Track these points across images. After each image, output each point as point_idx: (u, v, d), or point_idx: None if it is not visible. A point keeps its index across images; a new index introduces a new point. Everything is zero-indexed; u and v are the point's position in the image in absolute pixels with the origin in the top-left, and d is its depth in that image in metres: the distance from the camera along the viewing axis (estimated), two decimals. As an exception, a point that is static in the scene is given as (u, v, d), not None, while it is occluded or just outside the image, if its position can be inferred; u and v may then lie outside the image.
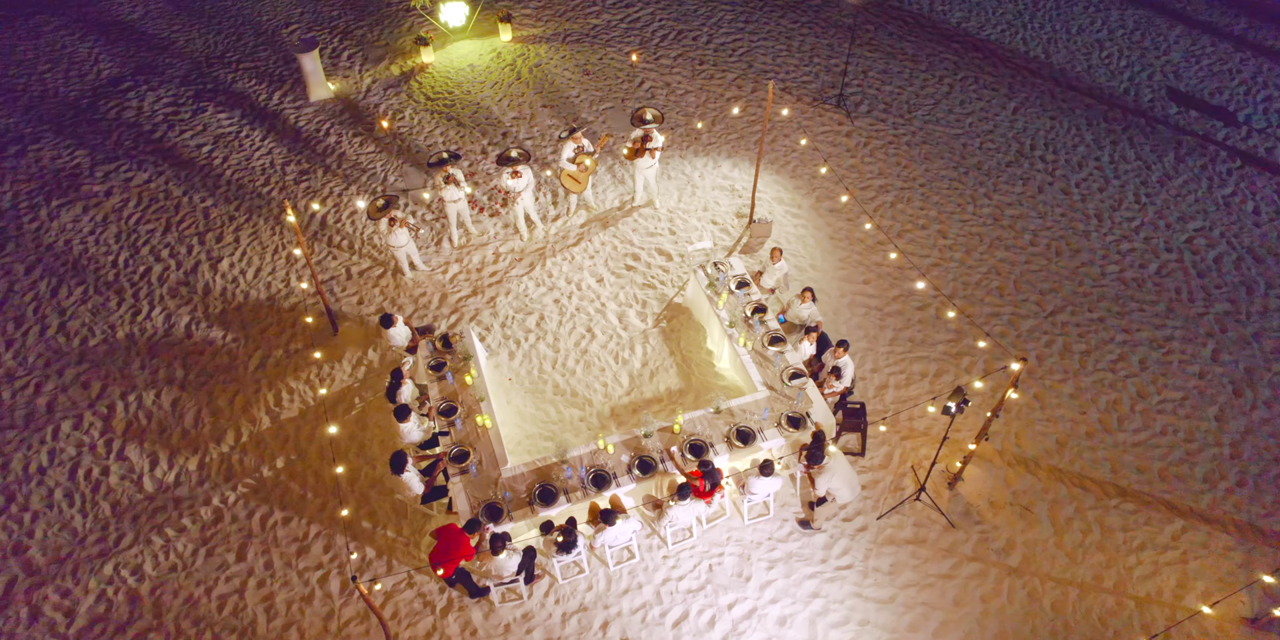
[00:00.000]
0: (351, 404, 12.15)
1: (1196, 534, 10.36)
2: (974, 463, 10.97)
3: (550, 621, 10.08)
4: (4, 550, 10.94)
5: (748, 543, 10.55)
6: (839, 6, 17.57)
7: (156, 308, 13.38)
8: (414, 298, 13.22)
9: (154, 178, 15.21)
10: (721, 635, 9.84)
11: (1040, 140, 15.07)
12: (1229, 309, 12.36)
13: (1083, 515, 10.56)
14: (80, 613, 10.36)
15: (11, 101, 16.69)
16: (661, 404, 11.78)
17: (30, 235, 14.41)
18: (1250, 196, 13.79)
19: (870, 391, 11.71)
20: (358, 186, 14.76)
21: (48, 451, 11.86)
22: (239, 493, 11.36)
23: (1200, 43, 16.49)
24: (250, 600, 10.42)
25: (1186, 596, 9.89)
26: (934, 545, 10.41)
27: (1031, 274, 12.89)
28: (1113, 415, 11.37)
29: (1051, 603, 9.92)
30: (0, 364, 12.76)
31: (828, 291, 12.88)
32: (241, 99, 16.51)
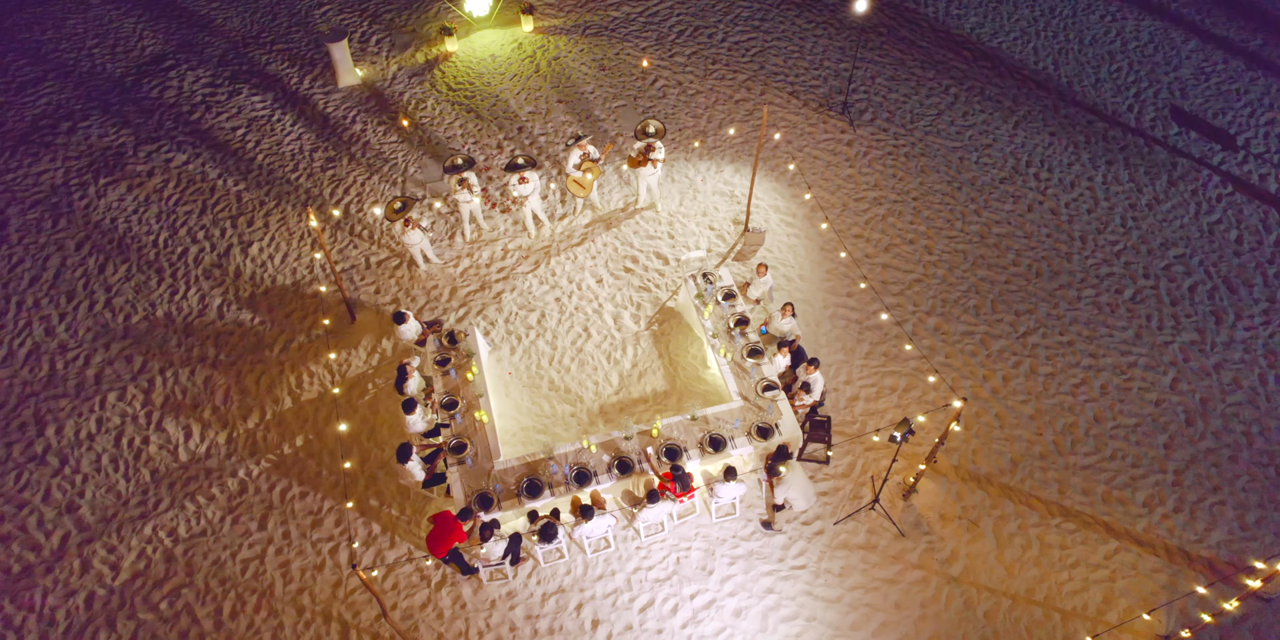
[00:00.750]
0: (365, 390, 13.14)
1: (1128, 555, 11.03)
2: (930, 477, 11.66)
3: (531, 600, 11.14)
4: (59, 507, 12.23)
5: (713, 539, 11.43)
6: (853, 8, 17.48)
7: (192, 288, 14.34)
8: (426, 290, 14.01)
9: (192, 160, 15.99)
10: (682, 623, 10.84)
11: (1036, 157, 15.20)
12: (1195, 338, 12.70)
13: (1025, 532, 11.27)
14: (124, 567, 11.65)
15: (63, 76, 17.46)
16: (647, 405, 12.56)
17: (80, 212, 15.36)
18: (1235, 225, 13.88)
19: (841, 403, 12.36)
20: (379, 176, 15.42)
21: (96, 419, 13.04)
22: (262, 467, 12.48)
23: (1212, 59, 16.24)
24: (269, 565, 11.61)
25: (1109, 613, 10.64)
26: (883, 552, 11.21)
27: (1009, 294, 13.27)
28: (1067, 438, 11.94)
29: (985, 611, 10.73)
30: (54, 335, 13.91)
31: (811, 302, 13.42)
32: (274, 82, 17.09)
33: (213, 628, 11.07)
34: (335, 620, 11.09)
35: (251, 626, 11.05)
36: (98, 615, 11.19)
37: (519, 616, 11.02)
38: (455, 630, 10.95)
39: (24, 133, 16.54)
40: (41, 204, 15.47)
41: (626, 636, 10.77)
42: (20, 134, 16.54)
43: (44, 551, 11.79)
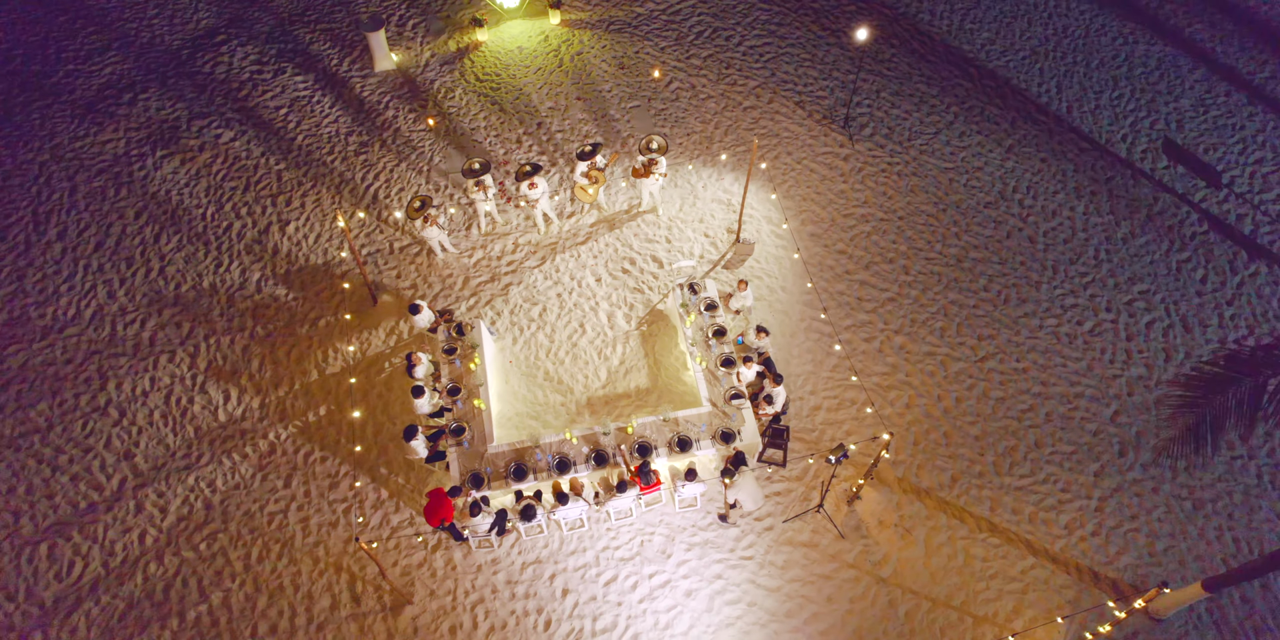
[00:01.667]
0: (382, 368, 14.30)
1: (1042, 571, 11.94)
2: (874, 486, 12.57)
3: (512, 567, 12.47)
4: (118, 454, 13.78)
5: (675, 527, 12.58)
6: (869, 17, 17.38)
7: (235, 262, 15.47)
8: (442, 278, 14.95)
9: (238, 137, 16.87)
10: (640, 598, 12.11)
11: (1024, 183, 15.39)
12: (1143, 374, 13.18)
13: (953, 542, 12.20)
14: (170, 511, 13.22)
15: (125, 46, 18.27)
16: (629, 400, 13.56)
17: (139, 183, 16.44)
18: (1203, 264, 14.07)
19: (805, 411, 13.21)
20: (407, 164, 16.19)
21: (149, 378, 14.45)
22: (289, 431, 13.83)
23: (1215, 90, 15.98)
24: (292, 519, 13.08)
25: (1016, 620, 11.63)
26: (823, 550, 12.26)
27: (975, 319, 13.79)
28: (1006, 460, 12.70)
29: (906, 611, 11.80)
30: (115, 299, 15.23)
31: (789, 313, 14.11)
32: (316, 62, 17.72)
33: (242, 569, 12.67)
34: (344, 571, 12.58)
35: (274, 571, 12.61)
36: (149, 550, 12.85)
37: (500, 581, 12.40)
38: (445, 588, 12.39)
39: (90, 101, 17.54)
40: (105, 173, 16.60)
41: (591, 606, 12.12)
42: (87, 102, 17.55)
43: (105, 492, 13.43)
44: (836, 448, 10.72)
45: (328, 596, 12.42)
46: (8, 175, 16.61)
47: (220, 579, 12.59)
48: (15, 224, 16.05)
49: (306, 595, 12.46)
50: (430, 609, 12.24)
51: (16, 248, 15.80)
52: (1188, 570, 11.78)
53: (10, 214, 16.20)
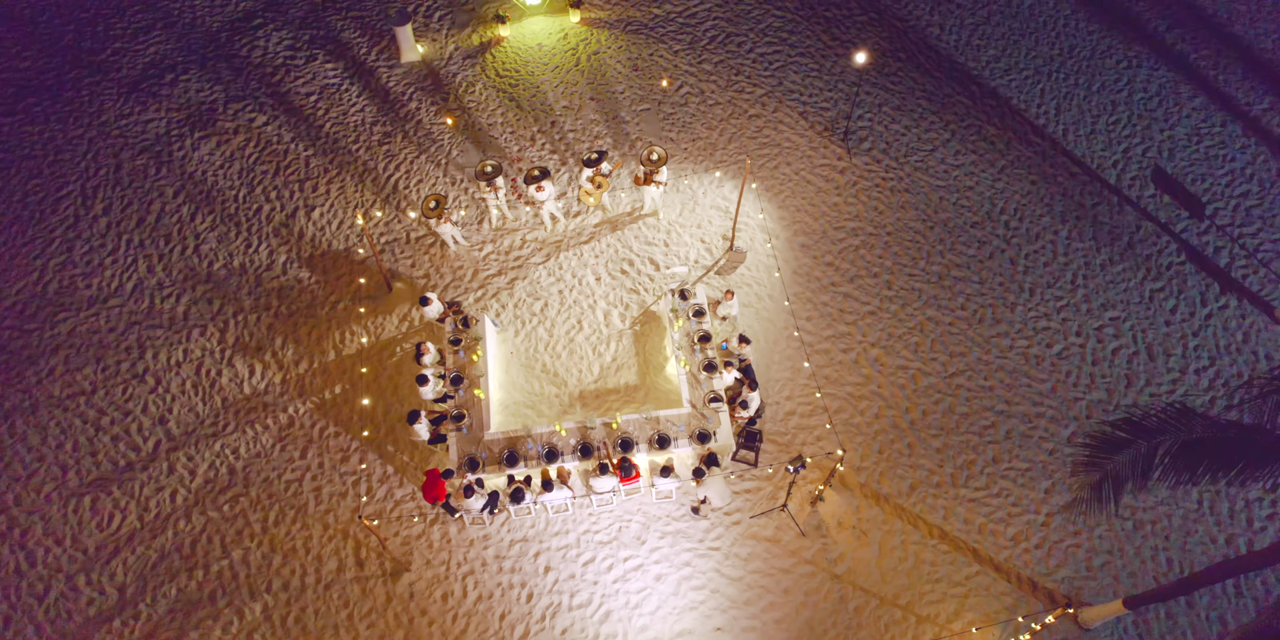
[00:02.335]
0: (394, 351, 15.03)
1: (985, 578, 12.56)
2: (838, 489, 13.16)
3: (501, 544, 13.35)
4: (154, 419, 14.75)
5: (651, 516, 13.33)
6: (880, 28, 17.24)
7: (263, 243, 16.16)
8: (453, 269, 15.53)
9: (270, 121, 17.36)
10: (614, 578, 12.95)
11: (1012, 205, 15.48)
12: (1103, 398, 13.50)
13: (905, 546, 12.82)
14: (199, 473, 14.23)
15: (168, 26, 18.69)
16: (618, 395, 14.18)
17: (178, 162, 17.08)
18: (1175, 294, 14.19)
19: (780, 415, 13.76)
20: (426, 156, 16.62)
21: (183, 350, 15.33)
22: (307, 407, 14.69)
23: (1212, 120, 15.77)
24: (306, 488, 14.03)
25: (955, 622, 12.29)
26: (784, 546, 12.96)
27: (950, 335, 14.13)
28: (964, 473, 13.21)
29: (855, 606, 12.53)
30: (154, 273, 16.03)
31: (774, 321, 14.54)
32: (346, 50, 18.03)
33: (260, 530, 13.69)
34: (350, 538, 13.54)
35: (288, 534, 13.61)
36: (178, 508, 13.90)
37: (490, 555, 13.30)
38: (440, 559, 13.33)
39: (135, 80, 18.09)
40: (147, 152, 17.24)
41: (569, 583, 12.99)
42: (133, 81, 18.10)
43: (142, 453, 14.45)
44: (796, 458, 11.32)
45: (335, 560, 13.44)
46: (59, 150, 17.35)
47: (240, 538, 13.65)
48: (66, 197, 16.84)
49: (316, 557, 13.49)
50: (425, 577, 13.22)
51: (67, 220, 16.62)
52: (1120, 586, 12.35)
53: (61, 187, 16.98)
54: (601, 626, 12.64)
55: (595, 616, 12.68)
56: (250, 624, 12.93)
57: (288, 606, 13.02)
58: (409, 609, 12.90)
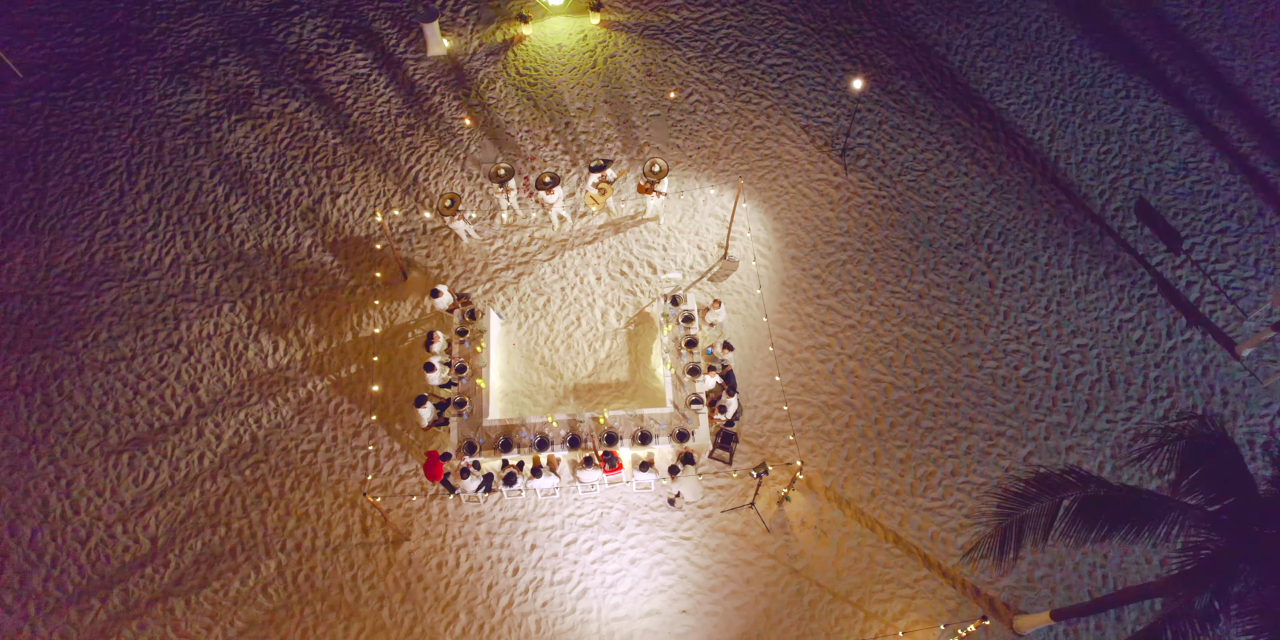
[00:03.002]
0: (405, 337, 15.59)
1: (933, 582, 13.09)
2: (804, 491, 13.67)
3: (492, 521, 14.07)
4: (186, 386, 15.52)
5: (631, 504, 13.95)
6: (888, 45, 17.00)
7: (291, 227, 16.64)
8: (464, 261, 15.95)
9: (302, 108, 17.66)
10: (593, 560, 13.65)
11: (997, 228, 15.49)
12: (1062, 421, 13.75)
13: (862, 548, 13.36)
14: (224, 439, 15.03)
15: (211, 8, 18.87)
16: (609, 391, 14.68)
17: (215, 144, 17.49)
18: (1143, 325, 14.26)
19: (757, 418, 14.20)
20: (446, 150, 16.88)
21: (214, 324, 16.00)
22: (324, 384, 15.36)
23: (1201, 155, 15.52)
24: (320, 459, 14.79)
25: (900, 621, 12.88)
26: (750, 540, 13.55)
27: (923, 352, 14.37)
28: (923, 483, 13.64)
29: (810, 600, 13.14)
30: (190, 250, 16.62)
31: (759, 329, 14.87)
32: (376, 41, 18.17)
33: (276, 495, 14.51)
34: (357, 507, 14.32)
35: (302, 500, 14.43)
36: (205, 471, 14.75)
37: (482, 531, 14.04)
38: (437, 531, 14.10)
39: (179, 61, 18.40)
40: (188, 132, 17.66)
41: (552, 561, 13.73)
42: (176, 61, 18.41)
43: (174, 417, 15.26)
44: (760, 464, 11.87)
45: (343, 526, 14.25)
46: (108, 126, 17.82)
47: (259, 501, 14.49)
48: (112, 173, 17.38)
49: (326, 523, 14.31)
50: (423, 547, 14.02)
51: (113, 194, 17.19)
52: (1056, 597, 12.85)
53: (109, 163, 17.51)
54: (578, 602, 13.41)
55: (573, 592, 13.45)
56: (265, 578, 13.87)
57: (299, 565, 13.93)
58: (407, 574, 13.75)
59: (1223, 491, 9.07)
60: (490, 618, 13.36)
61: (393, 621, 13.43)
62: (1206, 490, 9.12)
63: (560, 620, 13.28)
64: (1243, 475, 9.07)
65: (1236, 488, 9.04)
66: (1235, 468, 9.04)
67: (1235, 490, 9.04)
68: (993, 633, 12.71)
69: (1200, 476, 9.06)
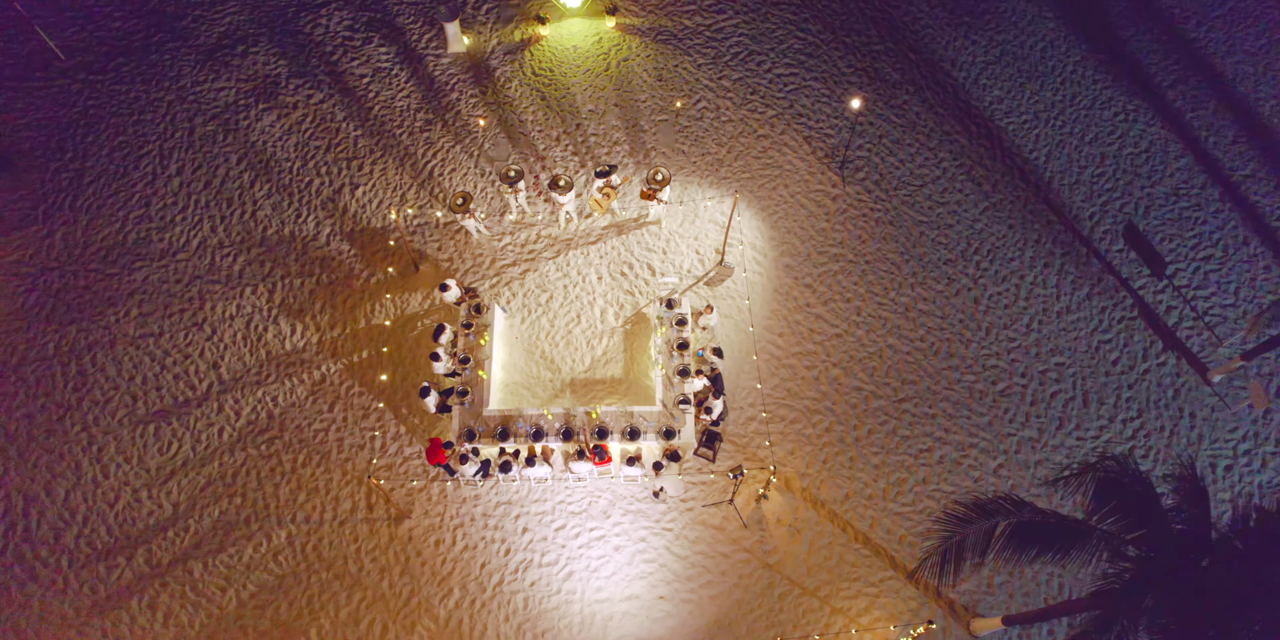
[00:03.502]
0: (415, 326, 15.96)
1: (896, 583, 13.44)
2: (781, 490, 14.00)
3: (488, 504, 14.56)
4: (209, 363, 16.03)
5: (618, 495, 14.37)
6: (895, 59, 16.80)
7: (311, 215, 16.96)
8: (474, 256, 16.21)
9: (326, 99, 17.83)
10: (579, 545, 14.12)
11: (986, 246, 15.46)
12: (1033, 436, 13.90)
13: (833, 546, 13.71)
14: (243, 415, 15.57)
15: (242, -2, 19.04)
16: (603, 386, 15.01)
17: (242, 131, 17.75)
18: (1120, 347, 14.27)
19: (741, 419, 14.49)
20: (461, 147, 17.03)
21: (236, 305, 16.44)
22: (337, 367, 15.81)
23: (1194, 181, 15.30)
24: (330, 438, 15.30)
25: (864, 617, 13.27)
26: (728, 534, 13.94)
27: (905, 364, 14.51)
28: (895, 489, 13.90)
29: (780, 593, 13.55)
30: (216, 233, 17.00)
31: (748, 334, 15.02)
32: (399, 35, 18.21)
33: (289, 470, 15.07)
34: (363, 485, 14.85)
35: (313, 475, 14.98)
36: (225, 444, 15.33)
37: (478, 512, 14.54)
38: (436, 511, 14.62)
39: (211, 49, 18.58)
40: (217, 119, 17.92)
41: (542, 544, 14.22)
42: (208, 49, 18.59)
43: (198, 392, 15.81)
44: (736, 467, 12.22)
45: (349, 502, 14.81)
46: (143, 110, 18.12)
47: (273, 474, 15.06)
48: (146, 156, 17.73)
49: (334, 498, 14.87)
50: (423, 525, 14.56)
51: (146, 177, 17.56)
52: (1013, 602, 13.17)
53: (143, 146, 17.85)
54: (564, 583, 13.92)
55: (560, 574, 13.96)
56: (276, 547, 14.49)
57: (307, 536, 14.53)
58: (406, 550, 14.31)
59: (1135, 525, 9.56)
60: (482, 594, 13.95)
61: (392, 592, 14.07)
62: (1122, 522, 9.61)
63: (546, 599, 13.83)
64: (1156, 512, 9.52)
65: (1148, 522, 9.51)
66: (1148, 505, 9.49)
67: (1146, 524, 9.51)
68: (950, 633, 13.10)
69: (1113, 510, 9.58)
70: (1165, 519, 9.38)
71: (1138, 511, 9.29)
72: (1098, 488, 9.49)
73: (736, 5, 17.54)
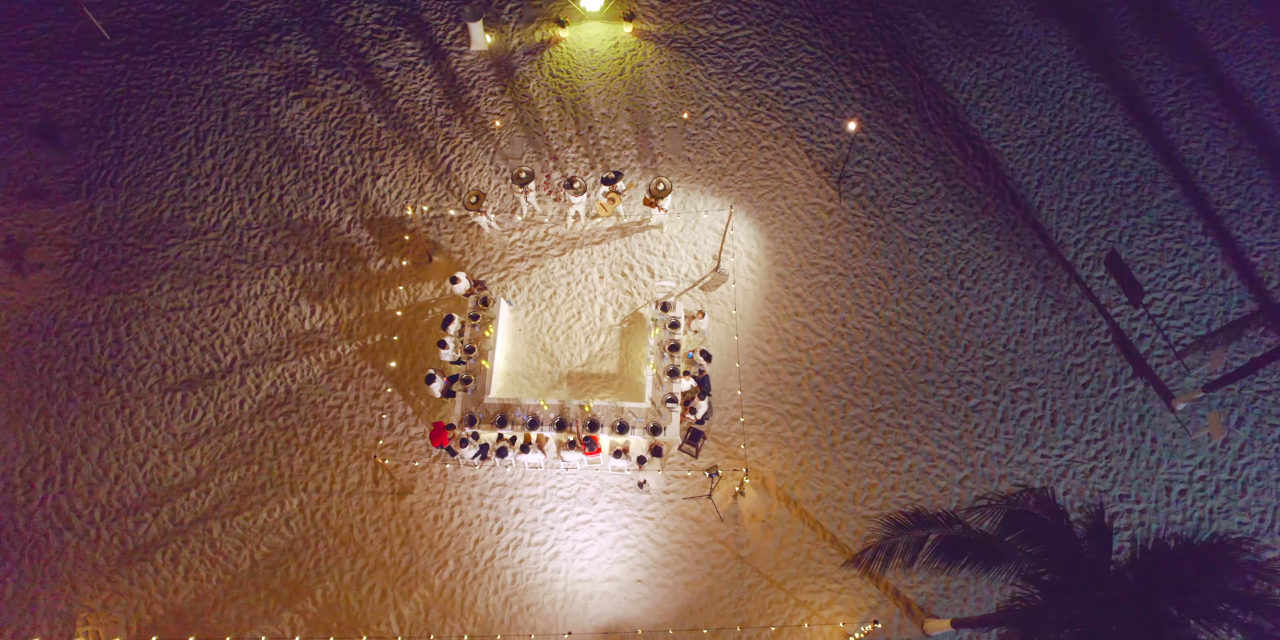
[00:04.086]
0: (426, 313, 16.29)
1: (859, 581, 13.83)
2: (758, 488, 14.33)
3: (484, 485, 15.02)
4: (233, 338, 16.49)
5: (605, 483, 14.78)
6: (899, 77, 16.58)
7: (334, 202, 17.21)
8: (484, 250, 16.44)
9: (353, 90, 17.94)
10: (566, 527, 14.60)
11: (971, 266, 15.45)
12: (1000, 451, 14.08)
13: (802, 543, 14.08)
14: (263, 389, 16.06)
15: (278, -16, 19.03)
16: (598, 381, 15.31)
17: (273, 118, 17.93)
18: (1091, 371, 14.32)
19: (725, 419, 14.77)
20: (479, 142, 17.14)
21: (260, 285, 16.83)
22: (352, 348, 16.21)
23: (1178, 213, 15.13)
24: (342, 414, 15.77)
25: (825, 611, 13.68)
26: (704, 526, 14.34)
27: (884, 375, 14.65)
28: (864, 493, 14.19)
29: (749, 584, 13.98)
30: (245, 215, 17.34)
31: (740, 335, 15.17)
32: (425, 30, 18.19)
33: (303, 442, 15.60)
34: (370, 460, 15.36)
35: (324, 448, 15.49)
36: (244, 415, 15.86)
37: (475, 492, 15.03)
38: (436, 488, 15.12)
39: (247, 35, 18.67)
40: (249, 104, 18.11)
41: (532, 525, 14.70)
42: (244, 35, 18.69)
43: (221, 364, 16.31)
44: (712, 466, 12.56)
45: (357, 475, 15.34)
46: (181, 93, 18.34)
47: (288, 446, 15.60)
48: (182, 138, 17.99)
49: (343, 471, 15.40)
50: (423, 501, 15.08)
51: (182, 158, 17.84)
52: (967, 606, 13.51)
53: (180, 127, 18.11)
54: (550, 563, 14.44)
55: (547, 554, 14.46)
56: (288, 513, 15.09)
57: (317, 505, 15.11)
58: (407, 523, 14.86)
59: (1044, 553, 10.01)
60: (474, 567, 14.51)
61: (392, 561, 14.66)
62: (1032, 549, 10.08)
63: (533, 576, 14.37)
64: (1068, 542, 9.92)
65: (1055, 551, 9.96)
66: (1058, 535, 9.91)
67: (1055, 553, 9.95)
68: (905, 631, 13.50)
69: (1023, 537, 10.05)
70: (1075, 549, 9.82)
71: (1046, 541, 9.76)
72: (1007, 517, 10.00)
73: (750, 16, 17.36)
